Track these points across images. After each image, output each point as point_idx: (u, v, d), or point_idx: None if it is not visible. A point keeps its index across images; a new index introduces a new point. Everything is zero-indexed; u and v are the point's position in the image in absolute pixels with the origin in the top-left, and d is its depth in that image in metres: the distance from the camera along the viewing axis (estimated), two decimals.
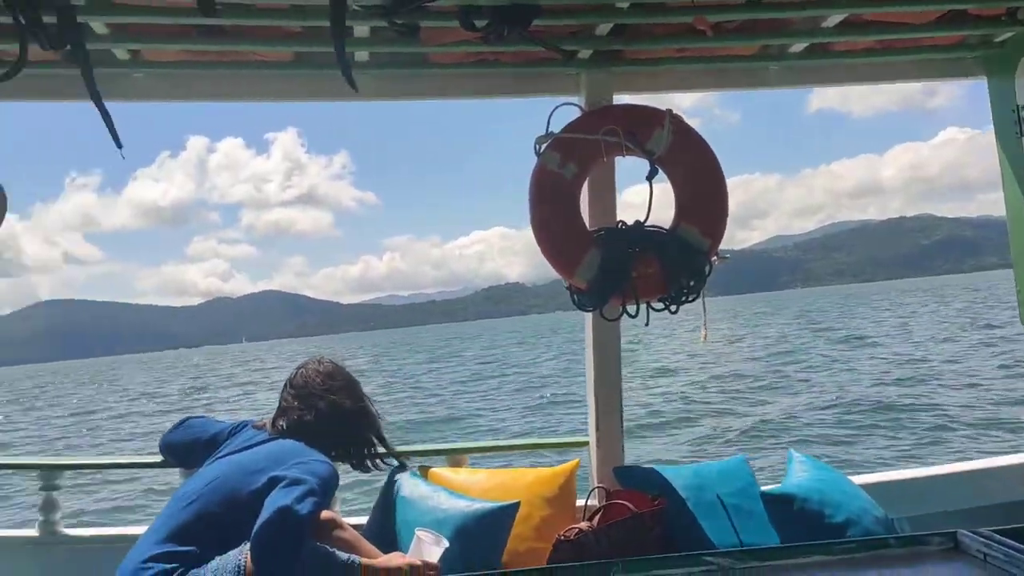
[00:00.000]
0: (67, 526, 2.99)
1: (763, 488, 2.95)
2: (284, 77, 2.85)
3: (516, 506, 2.69)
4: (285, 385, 2.78)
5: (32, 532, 2.94)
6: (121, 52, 2.54)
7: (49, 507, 2.94)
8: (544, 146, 2.81)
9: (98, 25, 2.33)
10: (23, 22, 2.09)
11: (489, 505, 2.66)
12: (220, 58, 2.67)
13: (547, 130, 2.83)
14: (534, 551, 2.74)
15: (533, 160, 2.82)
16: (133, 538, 2.78)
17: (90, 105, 2.37)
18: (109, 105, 2.56)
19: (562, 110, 2.92)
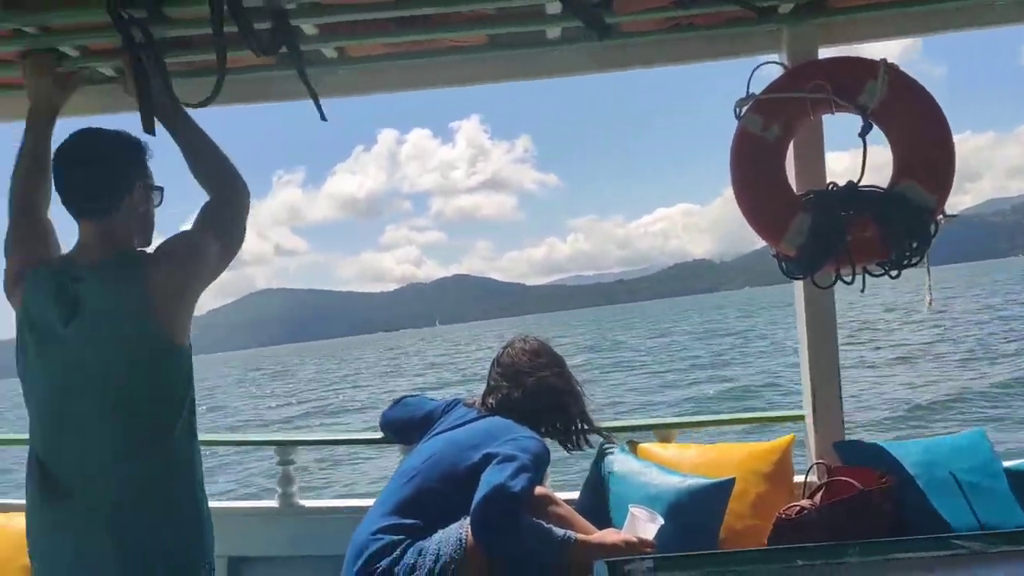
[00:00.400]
0: (303, 498, 3.22)
1: (1007, 464, 2.70)
2: (478, 61, 2.89)
3: (731, 482, 2.61)
4: (493, 364, 2.85)
5: (273, 503, 3.19)
6: (328, 51, 2.67)
7: (286, 481, 3.18)
8: (745, 109, 2.69)
9: (308, 27, 2.46)
10: (236, 30, 2.23)
11: (703, 481, 2.60)
12: (417, 47, 2.75)
13: (747, 92, 2.71)
14: (752, 528, 2.65)
15: (722, 127, 2.71)
16: (361, 509, 2.95)
17: (293, 105, 2.59)
18: (328, 103, 2.74)
19: (762, 70, 2.79)
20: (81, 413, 2.01)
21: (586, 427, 2.81)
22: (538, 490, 2.42)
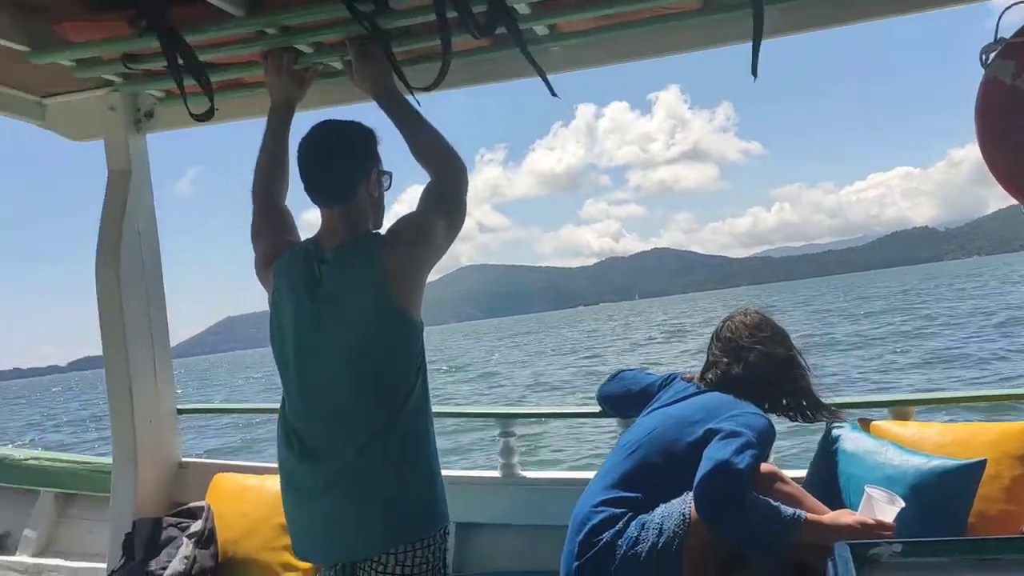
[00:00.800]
0: (523, 469, 3.32)
1: None
2: (690, 27, 2.79)
3: (982, 464, 2.39)
4: (712, 338, 2.78)
5: (495, 473, 3.31)
6: (540, 28, 2.69)
7: (507, 452, 3.28)
8: (993, 55, 2.43)
9: (521, 6, 2.49)
10: (455, 15, 2.30)
11: (950, 462, 2.40)
12: (629, 18, 2.70)
13: (995, 37, 2.45)
14: (1005, 515, 2.42)
15: (948, 83, 2.48)
16: (579, 482, 3.00)
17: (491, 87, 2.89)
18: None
19: (1013, 13, 2.52)
20: (327, 383, 2.17)
21: (811, 403, 2.69)
22: (764, 467, 2.34)
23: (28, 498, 4.05)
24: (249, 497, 3.18)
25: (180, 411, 3.58)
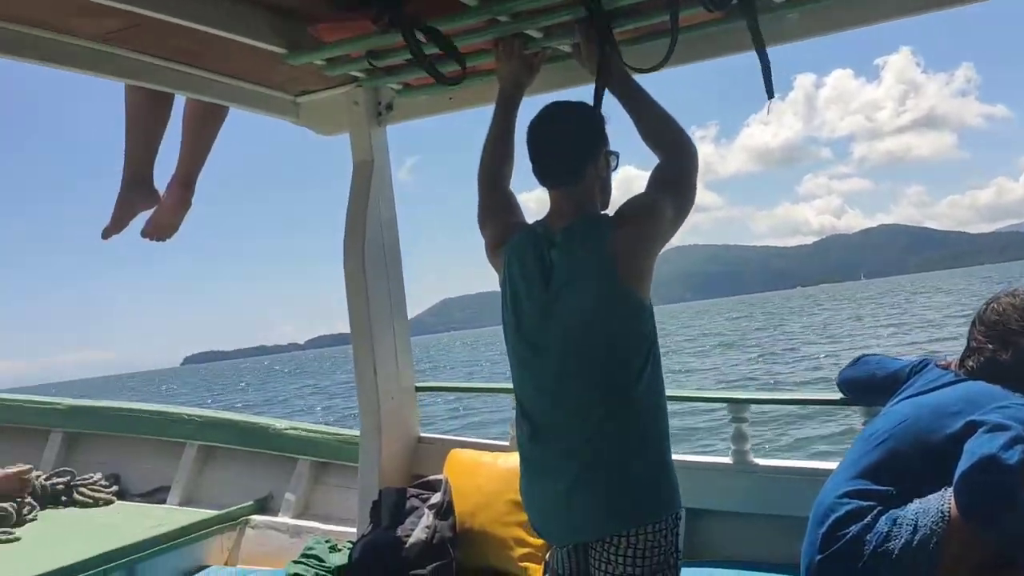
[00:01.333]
0: (756, 456, 3.20)
1: None
2: None
3: None
4: (973, 322, 2.55)
5: (727, 460, 3.22)
6: None
7: (739, 438, 3.18)
8: None
9: None
10: None
11: None
12: None
13: None
14: None
15: None
16: (818, 472, 2.84)
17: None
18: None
19: None
20: (556, 365, 2.17)
21: None
22: None
23: (288, 464, 4.45)
24: (483, 472, 3.31)
25: (418, 388, 3.77)
